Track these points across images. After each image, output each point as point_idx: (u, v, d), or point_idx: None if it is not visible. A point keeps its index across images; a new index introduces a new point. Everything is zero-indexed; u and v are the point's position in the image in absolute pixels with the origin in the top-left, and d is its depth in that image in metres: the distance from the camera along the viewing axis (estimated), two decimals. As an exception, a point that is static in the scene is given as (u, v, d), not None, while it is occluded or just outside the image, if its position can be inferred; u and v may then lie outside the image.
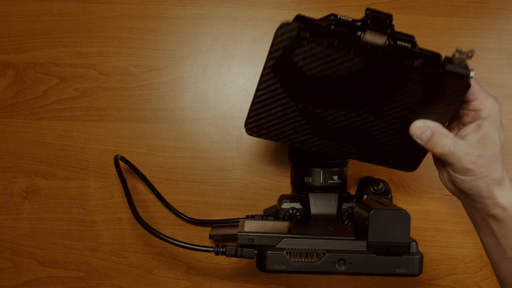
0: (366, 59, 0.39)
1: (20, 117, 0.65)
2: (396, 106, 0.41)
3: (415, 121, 0.42)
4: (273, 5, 0.64)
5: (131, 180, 0.64)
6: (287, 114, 0.42)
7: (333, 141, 0.43)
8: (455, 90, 0.41)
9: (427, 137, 0.41)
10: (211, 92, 0.65)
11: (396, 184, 0.64)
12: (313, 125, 0.43)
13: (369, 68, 0.39)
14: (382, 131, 0.43)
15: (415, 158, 0.45)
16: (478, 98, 0.42)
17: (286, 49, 0.39)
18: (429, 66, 0.39)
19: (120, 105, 0.65)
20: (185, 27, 0.65)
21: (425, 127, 0.41)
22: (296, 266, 0.42)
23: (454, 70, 0.40)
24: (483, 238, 0.45)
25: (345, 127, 0.43)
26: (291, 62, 0.39)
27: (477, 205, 0.43)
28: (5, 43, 0.65)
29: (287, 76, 0.40)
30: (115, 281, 0.64)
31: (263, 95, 0.42)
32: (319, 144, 0.44)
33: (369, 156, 0.45)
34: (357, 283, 0.64)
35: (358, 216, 0.45)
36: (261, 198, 0.64)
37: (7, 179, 0.65)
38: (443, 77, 0.40)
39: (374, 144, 0.44)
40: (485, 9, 0.64)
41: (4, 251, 0.65)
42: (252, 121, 0.43)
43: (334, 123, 0.42)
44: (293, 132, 0.43)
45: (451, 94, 0.41)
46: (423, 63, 0.39)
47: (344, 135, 0.43)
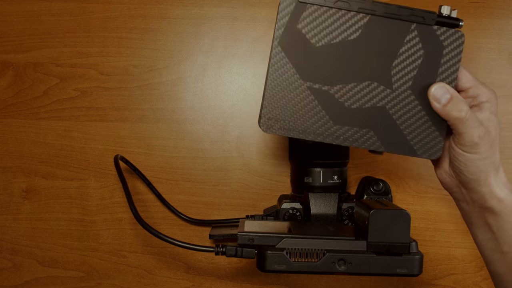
0: (367, 18, 0.41)
1: (20, 117, 0.65)
2: (403, 71, 0.42)
3: (434, 83, 0.42)
4: (273, 5, 0.64)
5: (131, 180, 0.64)
6: (301, 98, 0.42)
7: (350, 127, 0.43)
8: (452, 45, 0.42)
9: (446, 100, 0.41)
10: (211, 92, 0.65)
11: (396, 184, 0.64)
12: (328, 108, 0.42)
13: (370, 28, 0.41)
14: (397, 108, 0.43)
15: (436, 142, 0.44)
16: (475, 85, 0.43)
17: (290, 20, 0.41)
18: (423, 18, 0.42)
19: (120, 105, 0.65)
20: (185, 27, 0.65)
21: (445, 89, 0.41)
22: (296, 266, 0.42)
23: (445, 20, 0.42)
24: (478, 234, 0.45)
25: (360, 107, 0.43)
26: (297, 33, 0.41)
27: (474, 195, 0.43)
28: (5, 43, 0.65)
29: (295, 51, 0.41)
30: (115, 281, 0.64)
31: (275, 79, 0.42)
32: (336, 133, 0.43)
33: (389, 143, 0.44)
34: (357, 283, 0.64)
35: (358, 216, 0.45)
36: (261, 198, 0.64)
37: (7, 179, 0.65)
38: (437, 31, 0.42)
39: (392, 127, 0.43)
40: (485, 9, 0.64)
41: (4, 251, 0.65)
42: (266, 113, 0.42)
43: (348, 102, 0.42)
44: (309, 120, 0.43)
45: (449, 51, 0.42)
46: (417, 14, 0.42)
47: (361, 118, 0.43)
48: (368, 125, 0.43)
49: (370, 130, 0.43)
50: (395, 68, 0.42)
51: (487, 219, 0.43)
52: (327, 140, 0.43)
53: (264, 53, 0.64)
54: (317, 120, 0.43)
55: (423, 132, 0.43)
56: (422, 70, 0.42)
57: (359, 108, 0.43)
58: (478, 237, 0.46)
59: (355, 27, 0.42)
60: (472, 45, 0.64)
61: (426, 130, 0.43)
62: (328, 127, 0.43)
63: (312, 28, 0.41)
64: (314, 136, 0.43)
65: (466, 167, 0.42)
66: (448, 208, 0.64)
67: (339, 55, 0.42)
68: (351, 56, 0.42)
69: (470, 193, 0.43)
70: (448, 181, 0.46)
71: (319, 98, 0.42)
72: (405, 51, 0.42)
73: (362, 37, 0.42)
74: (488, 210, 0.42)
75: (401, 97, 0.43)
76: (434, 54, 0.42)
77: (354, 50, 0.42)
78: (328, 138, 0.43)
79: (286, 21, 0.41)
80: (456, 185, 0.45)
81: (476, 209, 0.44)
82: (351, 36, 0.42)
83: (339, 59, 0.42)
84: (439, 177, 0.47)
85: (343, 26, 0.41)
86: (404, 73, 0.42)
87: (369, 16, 0.41)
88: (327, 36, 0.42)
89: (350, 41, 0.42)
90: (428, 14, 0.42)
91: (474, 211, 0.44)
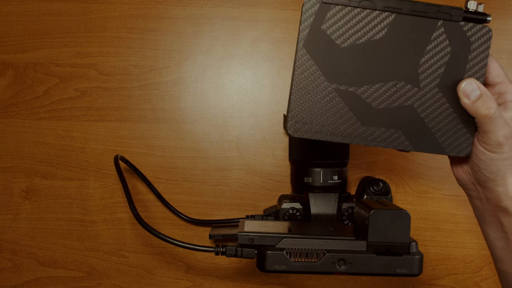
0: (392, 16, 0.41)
1: (20, 117, 0.65)
2: (430, 69, 0.42)
3: (464, 79, 0.41)
4: (273, 5, 0.64)
5: (131, 180, 0.64)
6: (328, 100, 0.42)
7: (378, 128, 0.42)
8: (480, 40, 0.42)
9: (476, 96, 0.40)
10: (211, 92, 0.65)
11: (396, 184, 0.64)
12: (355, 110, 0.42)
13: (396, 27, 0.41)
14: (425, 106, 0.42)
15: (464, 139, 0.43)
16: (504, 82, 0.42)
17: (314, 22, 0.40)
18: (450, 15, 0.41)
19: (120, 105, 0.65)
20: (185, 27, 0.65)
21: (474, 86, 0.41)
22: (296, 266, 0.42)
23: (472, 16, 0.41)
24: (489, 232, 0.45)
25: (387, 107, 0.42)
26: (321, 34, 0.41)
27: (489, 194, 0.43)
28: (5, 43, 0.65)
29: (320, 53, 0.41)
30: (115, 281, 0.64)
31: (301, 82, 0.41)
32: (364, 134, 0.42)
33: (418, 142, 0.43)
34: (357, 283, 0.64)
35: (358, 216, 0.45)
36: (261, 198, 0.64)
37: (7, 179, 0.65)
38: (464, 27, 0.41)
39: (420, 126, 0.43)
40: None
41: (4, 251, 0.65)
42: (293, 116, 0.42)
43: (376, 103, 0.42)
44: (337, 122, 0.42)
45: (477, 47, 0.42)
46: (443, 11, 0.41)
47: (389, 118, 0.42)
48: (396, 124, 0.43)
49: (398, 130, 0.43)
50: (422, 66, 0.42)
51: (500, 218, 0.43)
52: (355, 142, 0.43)
53: (264, 53, 0.64)
54: (345, 121, 0.42)
55: (451, 129, 0.43)
56: (450, 67, 0.42)
57: (387, 108, 0.42)
58: (490, 236, 0.45)
59: (381, 26, 0.41)
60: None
61: (454, 127, 0.43)
62: (355, 128, 0.42)
63: (337, 28, 0.41)
64: (342, 138, 0.42)
65: (485, 166, 0.42)
66: (448, 208, 0.64)
67: (365, 55, 0.41)
68: (377, 55, 0.42)
69: (486, 192, 0.43)
70: (464, 178, 0.45)
71: (346, 99, 0.42)
72: (432, 48, 0.42)
73: (388, 36, 0.41)
74: (502, 209, 0.42)
75: (429, 95, 0.42)
76: (462, 51, 0.42)
77: (380, 50, 0.41)
78: (356, 139, 0.42)
79: (311, 23, 0.41)
80: (472, 182, 0.45)
81: (489, 207, 0.44)
82: (377, 35, 0.41)
83: (365, 59, 0.42)
84: (455, 173, 0.47)
85: (369, 25, 0.41)
86: (431, 70, 0.42)
87: (395, 14, 0.41)
88: (353, 36, 0.41)
89: (376, 41, 0.41)
90: (455, 10, 0.41)
91: (488, 210, 0.44)
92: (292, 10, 0.64)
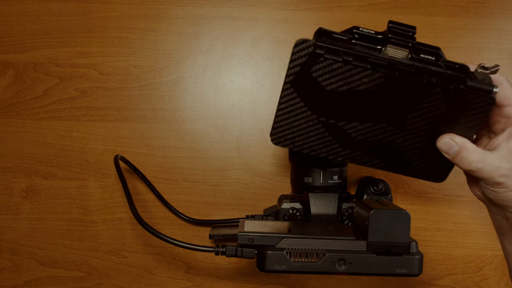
0: (384, 75, 0.38)
1: (20, 117, 0.65)
2: (419, 120, 0.41)
3: (442, 136, 0.41)
4: (273, 5, 0.64)
5: (131, 180, 0.64)
6: (310, 126, 0.42)
7: (358, 152, 0.44)
8: (479, 106, 0.39)
9: (454, 152, 0.40)
10: (211, 92, 0.65)
11: (396, 184, 0.64)
12: (336, 137, 0.43)
13: (388, 84, 0.39)
14: (407, 144, 0.43)
15: (443, 169, 0.44)
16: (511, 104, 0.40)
17: (303, 66, 0.39)
18: (451, 83, 0.38)
19: (120, 105, 0.65)
20: (185, 27, 0.65)
21: (451, 143, 0.40)
22: (296, 266, 0.42)
23: (476, 86, 0.38)
24: (507, 246, 0.45)
25: (368, 139, 0.43)
26: (309, 78, 0.40)
27: (508, 214, 0.43)
28: (5, 43, 0.65)
29: (307, 91, 0.40)
30: (115, 281, 0.64)
31: (285, 108, 0.42)
32: (344, 155, 0.44)
33: (395, 167, 0.45)
34: (357, 283, 0.64)
35: (358, 216, 0.45)
36: (261, 198, 0.64)
37: (7, 179, 0.65)
38: (465, 93, 0.39)
39: (399, 156, 0.44)
40: (485, 9, 0.64)
41: (4, 251, 0.65)
42: (276, 131, 0.43)
43: (357, 135, 0.43)
44: (318, 143, 0.43)
45: (475, 110, 0.40)
46: (444, 79, 0.38)
47: (369, 147, 0.43)
48: (375, 152, 0.44)
49: (378, 157, 0.44)
50: (411, 118, 0.41)
51: None
52: (334, 158, 0.44)
53: (264, 53, 0.64)
54: (327, 144, 0.43)
55: (430, 162, 0.44)
56: (441, 120, 0.41)
57: (369, 141, 0.43)
58: (507, 248, 0.46)
59: (372, 81, 0.39)
60: (472, 45, 0.64)
61: (433, 161, 0.43)
62: (336, 149, 0.44)
63: (327, 77, 0.39)
64: (322, 154, 0.44)
65: (496, 196, 0.42)
66: (448, 208, 0.64)
67: (353, 100, 0.40)
68: (365, 102, 0.40)
69: (504, 212, 0.43)
70: (481, 197, 0.45)
71: (328, 128, 0.43)
72: (424, 107, 0.40)
73: (379, 89, 0.39)
74: None
75: (412, 136, 0.42)
76: (456, 112, 0.40)
77: (370, 98, 0.40)
78: (335, 156, 0.44)
79: (299, 67, 0.39)
80: (490, 202, 0.44)
81: (509, 223, 0.43)
82: (368, 88, 0.39)
83: (353, 103, 0.41)
84: (472, 191, 0.46)
85: (359, 80, 0.39)
86: (419, 121, 0.41)
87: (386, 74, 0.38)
88: (343, 85, 0.39)
89: (365, 91, 0.40)
90: (457, 79, 0.38)
91: (507, 225, 0.44)
92: (292, 10, 0.64)
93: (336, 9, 0.64)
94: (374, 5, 0.63)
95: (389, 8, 0.64)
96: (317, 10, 0.64)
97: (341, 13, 0.63)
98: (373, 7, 0.63)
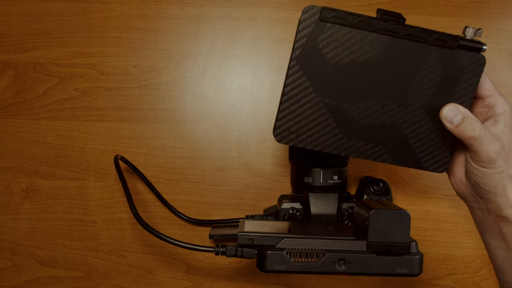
0: (385, 41, 0.41)
1: (20, 117, 0.65)
2: (419, 91, 0.43)
3: (446, 105, 0.42)
4: (273, 5, 0.64)
5: (131, 180, 0.64)
6: (315, 112, 0.43)
7: (362, 142, 0.44)
8: (472, 68, 0.42)
9: (458, 120, 0.41)
10: (211, 92, 0.65)
11: (396, 184, 0.64)
12: (341, 124, 0.43)
13: (389, 50, 0.41)
14: (409, 124, 0.43)
15: (443, 157, 0.45)
16: (493, 94, 0.43)
17: (310, 36, 0.41)
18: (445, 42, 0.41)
19: (120, 105, 0.65)
20: (185, 27, 0.65)
21: (456, 111, 0.41)
22: (296, 266, 0.42)
23: (467, 44, 0.42)
24: (491, 242, 0.45)
25: (372, 122, 0.43)
26: (316, 50, 0.41)
27: (490, 205, 0.43)
28: (5, 43, 0.65)
29: (313, 67, 0.42)
30: (115, 281, 0.64)
31: (290, 92, 0.42)
32: (348, 147, 0.44)
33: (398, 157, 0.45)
34: (357, 283, 0.64)
35: (358, 216, 0.45)
36: (261, 198, 0.64)
37: (7, 179, 0.65)
38: (458, 54, 0.42)
39: (403, 143, 0.44)
40: (485, 9, 0.64)
41: (4, 251, 0.65)
42: (281, 125, 0.43)
43: (361, 118, 0.43)
44: (322, 134, 0.43)
45: (469, 74, 0.42)
46: (439, 40, 0.41)
47: (372, 133, 0.44)
48: (379, 140, 0.44)
49: (381, 145, 0.44)
50: (411, 88, 0.43)
51: (501, 228, 0.43)
52: (338, 152, 0.44)
53: (264, 53, 0.64)
54: (330, 133, 0.44)
55: (431, 147, 0.44)
56: (439, 89, 0.43)
57: (372, 124, 0.43)
58: (491, 245, 0.46)
59: (375, 47, 0.41)
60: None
61: (435, 145, 0.44)
62: (340, 141, 0.44)
63: (332, 48, 0.41)
64: (326, 148, 0.44)
65: (482, 180, 0.42)
66: (448, 208, 0.64)
67: (356, 73, 0.42)
68: (368, 75, 0.42)
69: (486, 203, 0.43)
70: (464, 191, 0.46)
71: (332, 113, 0.43)
72: (423, 72, 0.42)
73: (381, 57, 0.42)
74: (503, 219, 0.43)
75: (414, 113, 0.43)
76: (453, 76, 0.42)
77: (372, 70, 0.42)
78: (339, 150, 0.44)
79: (305, 39, 0.41)
80: (472, 194, 0.45)
81: (491, 217, 0.44)
82: (371, 56, 0.42)
83: (356, 77, 0.42)
84: (454, 187, 0.47)
85: (363, 46, 0.41)
86: (420, 91, 0.43)
87: (390, 37, 0.41)
88: (347, 55, 0.42)
89: (369, 61, 0.42)
90: (450, 38, 0.41)
91: (489, 220, 0.44)
92: (292, 10, 0.64)
93: (336, 9, 0.64)
94: (374, 5, 0.63)
95: (389, 8, 0.63)
96: (317, 10, 0.64)
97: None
98: (373, 7, 0.63)
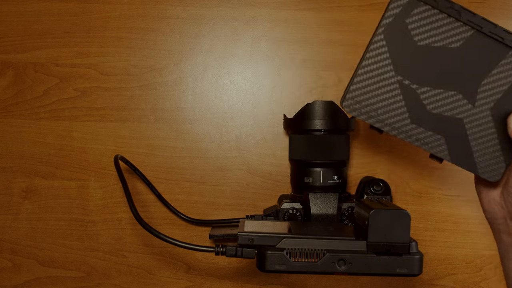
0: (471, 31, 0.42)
1: (20, 117, 0.65)
2: (488, 93, 0.43)
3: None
4: (273, 5, 0.64)
5: (131, 180, 0.64)
6: (388, 90, 0.43)
7: (423, 128, 0.44)
8: None
9: None
10: (211, 92, 0.65)
11: (396, 184, 0.64)
12: (410, 107, 0.43)
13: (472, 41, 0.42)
14: (474, 124, 0.43)
15: (499, 166, 0.44)
16: None
17: (401, 12, 0.42)
18: None
19: (120, 105, 0.65)
20: (185, 27, 0.65)
21: None
22: (296, 266, 0.42)
23: None
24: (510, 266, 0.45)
25: (440, 112, 0.43)
26: (403, 28, 0.42)
27: None
28: (5, 43, 0.65)
29: (397, 44, 0.42)
30: (115, 281, 0.64)
31: (369, 66, 0.43)
32: (407, 131, 0.44)
33: (455, 154, 0.44)
34: (357, 283, 0.64)
35: (358, 216, 0.45)
36: (261, 198, 0.64)
37: (7, 179, 0.65)
38: None
39: (464, 142, 0.44)
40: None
41: (4, 251, 0.65)
42: (352, 96, 0.43)
43: (431, 107, 0.43)
44: (388, 112, 0.44)
45: None
46: None
47: (437, 124, 0.44)
48: (442, 132, 0.44)
49: (443, 138, 0.44)
50: (483, 87, 0.43)
51: None
52: (399, 136, 0.44)
53: (264, 53, 0.64)
54: (397, 114, 0.44)
55: (490, 153, 0.44)
56: (507, 95, 0.43)
57: (439, 114, 0.43)
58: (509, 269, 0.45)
59: (459, 37, 0.42)
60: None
61: (493, 152, 0.44)
62: (405, 124, 0.44)
63: (419, 26, 0.42)
64: (389, 129, 0.44)
65: None
66: (448, 208, 0.64)
67: (436, 58, 0.43)
68: (446, 63, 0.43)
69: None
70: (495, 211, 0.45)
71: (405, 94, 0.43)
72: (497, 73, 0.42)
73: (461, 48, 0.42)
74: None
75: (480, 115, 0.43)
76: None
77: (451, 58, 0.42)
78: (402, 135, 0.44)
79: (397, 13, 0.42)
80: (503, 216, 0.44)
81: None
82: (452, 44, 0.42)
83: (435, 62, 0.43)
84: (483, 205, 0.46)
85: (448, 32, 0.42)
86: (489, 93, 0.43)
87: (474, 30, 0.42)
88: (431, 38, 0.42)
89: (450, 49, 0.42)
90: None
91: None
92: (292, 10, 0.64)
93: (336, 9, 0.64)
94: (374, 5, 0.63)
95: (389, 8, 0.64)
96: (317, 10, 0.64)
97: (341, 13, 0.63)
98: (373, 7, 0.63)
